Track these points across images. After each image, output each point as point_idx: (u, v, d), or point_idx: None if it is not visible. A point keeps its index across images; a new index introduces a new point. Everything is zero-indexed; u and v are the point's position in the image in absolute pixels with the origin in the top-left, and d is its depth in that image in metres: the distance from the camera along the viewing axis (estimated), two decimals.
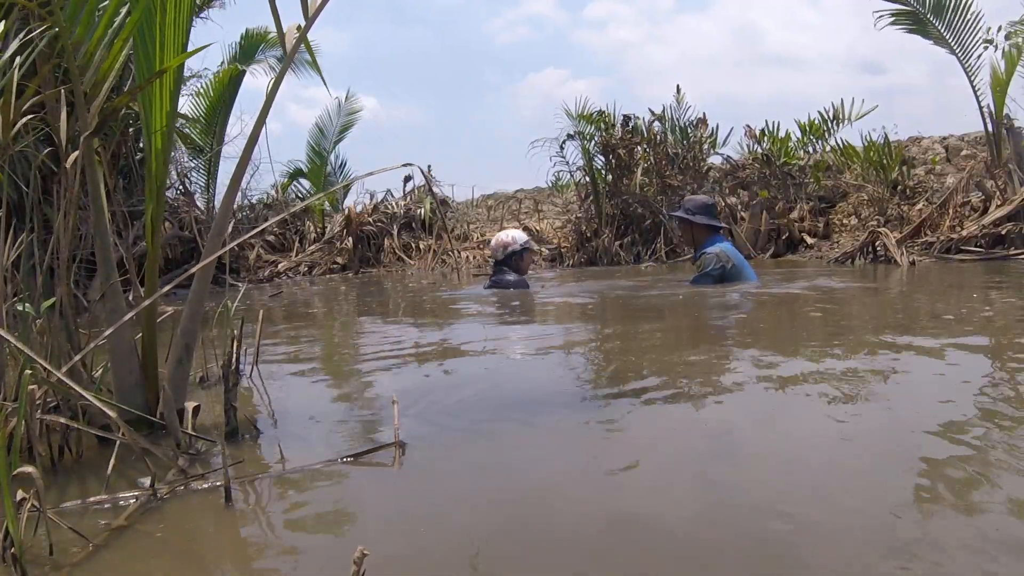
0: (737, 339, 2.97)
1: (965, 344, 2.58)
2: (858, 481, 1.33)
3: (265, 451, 1.67)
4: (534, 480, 1.43)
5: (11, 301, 1.74)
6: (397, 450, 1.57)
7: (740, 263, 4.83)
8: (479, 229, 10.52)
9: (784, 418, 1.79)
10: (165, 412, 1.65)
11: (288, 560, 1.13)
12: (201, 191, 8.37)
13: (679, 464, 1.48)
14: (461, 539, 1.17)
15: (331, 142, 10.32)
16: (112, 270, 1.73)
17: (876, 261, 6.36)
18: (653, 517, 1.21)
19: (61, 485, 1.46)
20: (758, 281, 4.92)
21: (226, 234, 1.83)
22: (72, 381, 1.48)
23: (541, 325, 3.79)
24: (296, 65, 8.68)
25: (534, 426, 1.80)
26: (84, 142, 1.67)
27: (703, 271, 4.73)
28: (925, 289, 4.58)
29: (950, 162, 9.74)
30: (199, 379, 2.35)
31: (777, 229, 7.97)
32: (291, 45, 1.78)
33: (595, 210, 8.86)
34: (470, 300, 5.01)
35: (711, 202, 5.10)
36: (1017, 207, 6.27)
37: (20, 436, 1.34)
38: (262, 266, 8.31)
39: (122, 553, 1.16)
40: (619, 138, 8.78)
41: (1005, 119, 6.99)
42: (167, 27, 1.66)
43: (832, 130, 8.48)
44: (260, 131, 1.84)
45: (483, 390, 2.22)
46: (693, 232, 4.97)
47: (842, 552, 1.05)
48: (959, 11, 7.05)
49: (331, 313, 5.02)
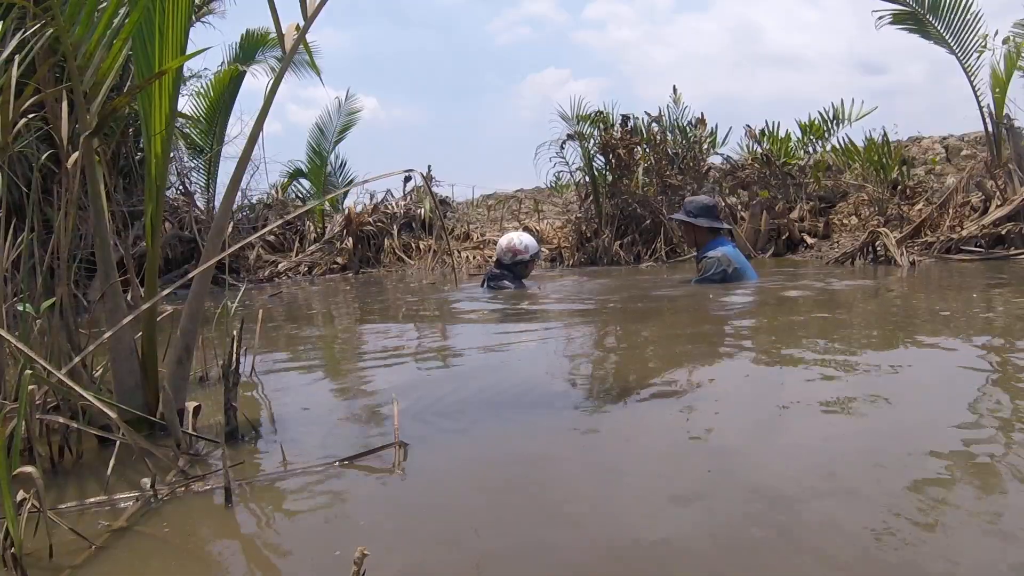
0: (739, 340, 2.97)
1: (966, 344, 2.58)
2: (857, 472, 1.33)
3: (266, 451, 1.66)
4: (535, 481, 1.43)
5: (11, 301, 1.74)
6: (397, 450, 1.57)
7: (743, 265, 4.81)
8: (479, 229, 10.52)
9: (783, 417, 1.79)
10: (165, 412, 1.65)
11: (288, 561, 1.13)
12: (201, 191, 8.37)
13: (680, 464, 1.48)
14: (461, 539, 1.17)
15: (331, 142, 10.30)
16: (112, 270, 1.72)
17: (876, 261, 6.36)
18: (653, 518, 1.21)
19: (61, 486, 1.46)
20: (758, 280, 4.92)
21: (226, 234, 1.83)
22: (72, 381, 1.47)
23: (542, 325, 3.79)
24: (296, 65, 8.67)
25: (535, 427, 1.80)
26: (84, 142, 1.67)
27: (704, 275, 4.72)
28: (925, 289, 4.58)
29: (950, 162, 9.74)
30: (199, 379, 2.35)
31: (777, 229, 7.97)
32: (290, 45, 1.78)
33: (595, 210, 8.85)
34: (470, 300, 5.01)
35: (712, 203, 5.06)
36: (1017, 207, 6.27)
37: (20, 436, 1.34)
38: (262, 266, 8.31)
39: (122, 554, 1.16)
40: (619, 138, 8.78)
41: (1005, 119, 6.99)
42: (166, 28, 1.66)
43: (832, 130, 8.47)
44: (260, 131, 1.83)
45: (484, 390, 2.22)
46: (695, 234, 4.96)
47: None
48: (958, 11, 7.04)
49: (331, 313, 5.01)
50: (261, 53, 8.78)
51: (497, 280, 5.05)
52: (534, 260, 5.18)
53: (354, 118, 10.34)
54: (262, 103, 1.86)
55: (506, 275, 5.08)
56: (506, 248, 5.13)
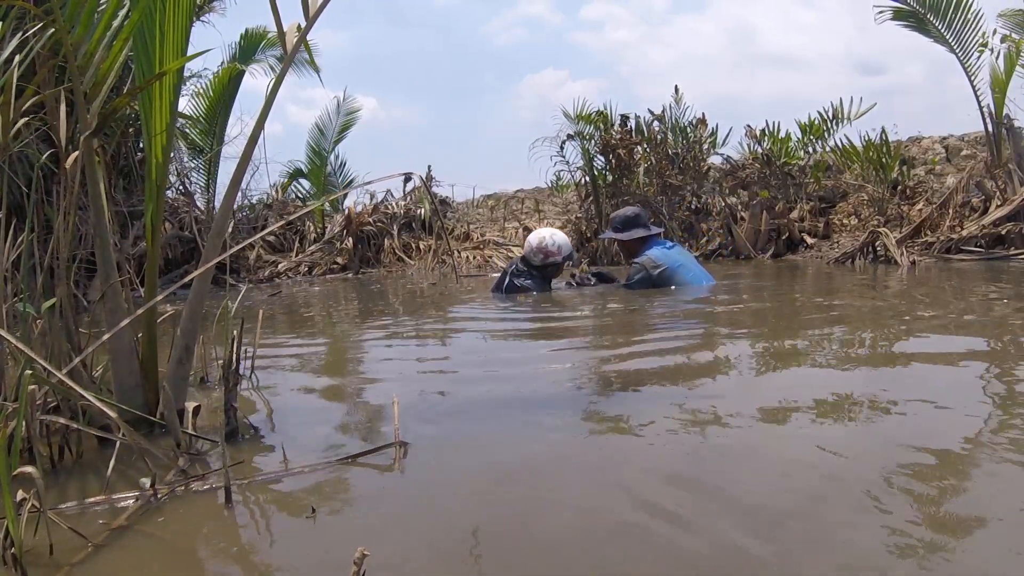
0: (739, 335, 2.97)
1: (967, 344, 2.58)
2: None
3: (265, 451, 1.67)
4: (535, 481, 1.43)
5: (11, 301, 1.74)
6: (398, 450, 1.57)
7: (674, 264, 4.65)
8: (479, 229, 10.53)
9: (779, 411, 1.79)
10: (165, 412, 1.65)
11: (289, 561, 1.13)
12: (201, 191, 8.37)
13: (681, 464, 1.48)
14: (462, 539, 1.17)
15: (331, 142, 10.29)
16: (112, 270, 1.72)
17: (876, 261, 6.36)
18: (652, 520, 1.21)
19: (61, 485, 1.46)
20: (710, 282, 4.78)
21: (226, 235, 1.83)
22: (72, 381, 1.48)
23: (544, 326, 3.79)
24: (296, 65, 8.68)
25: (536, 427, 1.80)
26: (84, 142, 1.67)
27: (629, 282, 4.67)
28: (926, 289, 4.58)
29: (950, 162, 9.74)
30: (199, 379, 2.35)
31: (777, 229, 7.96)
32: (291, 45, 1.78)
33: (595, 210, 8.86)
34: (472, 300, 5.01)
35: (635, 212, 4.99)
36: (1017, 207, 6.27)
37: (20, 436, 1.34)
38: (262, 266, 8.31)
39: (122, 554, 1.16)
40: (619, 138, 8.78)
41: (1005, 119, 6.99)
42: (167, 28, 1.66)
43: (832, 130, 8.46)
44: (261, 131, 1.84)
45: (485, 390, 2.22)
46: (628, 246, 4.93)
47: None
48: (959, 10, 7.04)
49: (331, 313, 5.01)
50: (261, 52, 8.78)
51: (520, 280, 4.67)
52: (566, 261, 4.81)
53: (353, 118, 10.35)
54: (263, 103, 1.86)
55: (533, 274, 4.69)
56: (536, 248, 4.69)
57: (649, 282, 4.61)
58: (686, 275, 4.68)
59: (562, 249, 4.74)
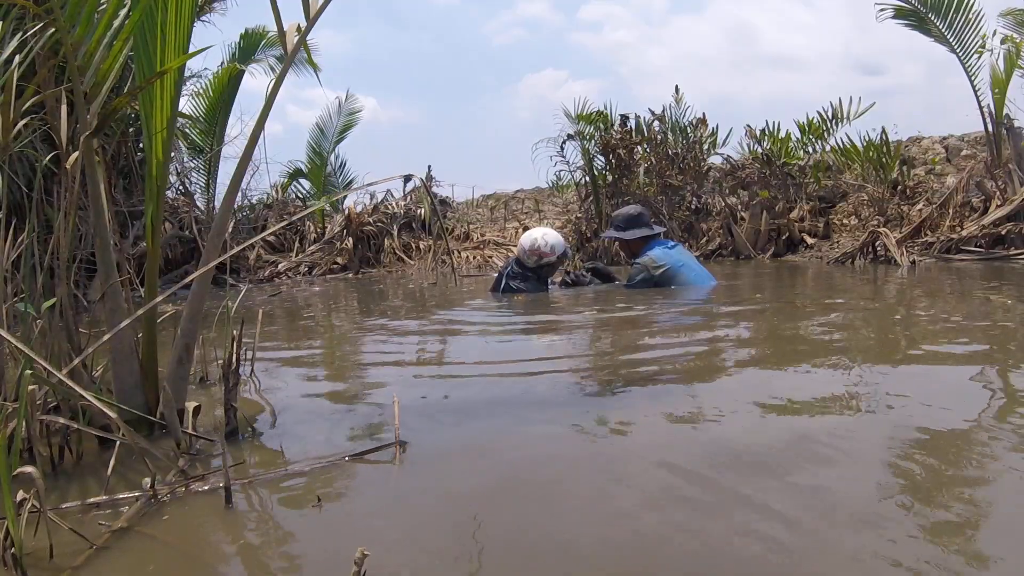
0: (738, 348, 2.97)
1: (967, 345, 2.58)
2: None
3: (266, 451, 1.66)
4: (536, 481, 1.43)
5: (11, 301, 1.74)
6: (398, 449, 1.57)
7: (676, 264, 4.65)
8: (479, 229, 10.52)
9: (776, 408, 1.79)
10: (165, 412, 1.65)
11: (289, 561, 1.13)
12: (201, 191, 8.36)
13: (681, 462, 1.48)
14: (462, 539, 1.17)
15: (331, 142, 10.29)
16: (112, 270, 1.72)
17: (876, 261, 6.36)
18: (655, 519, 1.21)
19: (61, 486, 1.46)
20: (712, 282, 4.77)
21: (227, 235, 1.83)
22: (72, 381, 1.47)
23: (545, 326, 3.79)
24: (296, 65, 8.68)
25: (536, 426, 1.80)
26: (84, 142, 1.67)
27: (630, 283, 4.67)
28: (926, 289, 4.58)
29: (950, 162, 9.74)
30: (199, 379, 2.35)
31: (777, 229, 7.96)
32: (291, 45, 1.77)
33: (595, 210, 8.86)
34: (472, 300, 5.00)
35: (637, 212, 4.99)
36: (1017, 207, 6.27)
37: (20, 436, 1.34)
38: (262, 266, 8.31)
39: (122, 554, 1.16)
40: (619, 138, 8.78)
41: (1005, 119, 6.99)
42: (168, 28, 1.66)
43: (832, 130, 8.46)
44: (261, 130, 1.83)
45: (485, 390, 2.22)
46: (629, 246, 4.94)
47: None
48: (960, 10, 7.04)
49: (331, 313, 5.01)
50: (260, 52, 8.78)
51: (515, 282, 4.67)
52: (561, 260, 4.78)
53: (354, 118, 10.34)
54: (263, 103, 1.86)
55: (528, 276, 4.69)
56: (529, 250, 4.66)
57: (651, 282, 4.60)
58: (688, 275, 4.68)
59: (555, 248, 4.71)
